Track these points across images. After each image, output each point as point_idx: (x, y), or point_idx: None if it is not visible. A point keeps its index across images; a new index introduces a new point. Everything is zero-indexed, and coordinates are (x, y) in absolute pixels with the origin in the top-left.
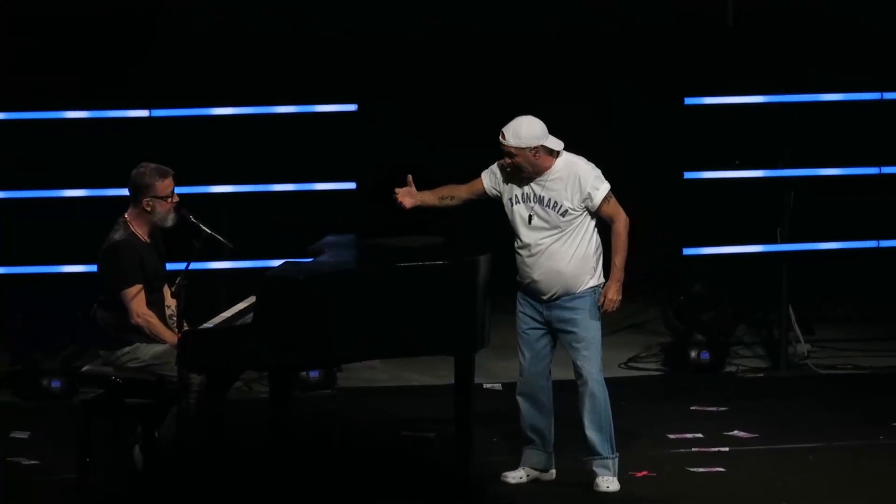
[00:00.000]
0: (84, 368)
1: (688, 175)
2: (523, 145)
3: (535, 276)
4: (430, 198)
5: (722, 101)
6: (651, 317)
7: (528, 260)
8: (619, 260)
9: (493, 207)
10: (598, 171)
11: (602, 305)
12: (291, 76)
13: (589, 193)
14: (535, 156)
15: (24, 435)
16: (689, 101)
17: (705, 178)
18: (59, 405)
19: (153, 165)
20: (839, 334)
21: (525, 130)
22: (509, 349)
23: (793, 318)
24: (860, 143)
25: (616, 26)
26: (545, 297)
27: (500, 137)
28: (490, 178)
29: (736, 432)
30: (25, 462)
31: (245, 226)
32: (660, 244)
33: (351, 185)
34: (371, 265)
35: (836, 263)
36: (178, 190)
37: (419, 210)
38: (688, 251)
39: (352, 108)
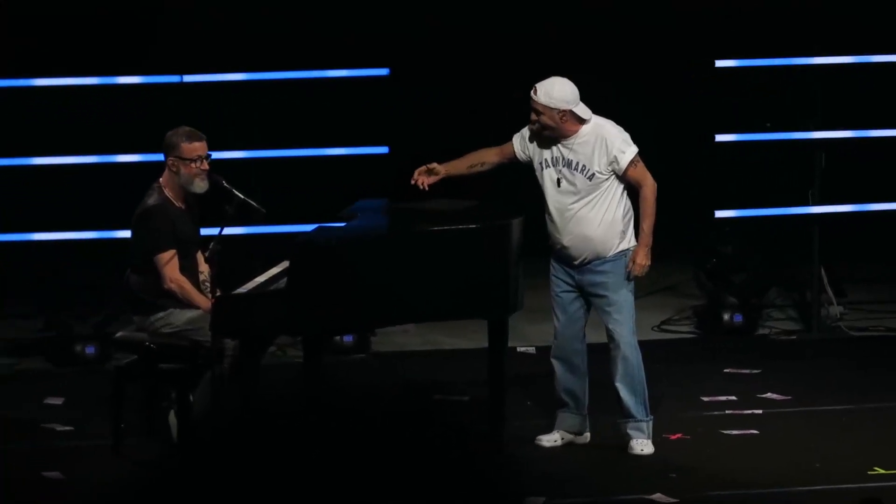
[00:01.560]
0: (118, 334)
1: (719, 138)
2: (552, 105)
3: (565, 241)
4: (457, 167)
5: (753, 63)
6: (683, 279)
7: (557, 226)
8: (647, 225)
9: (525, 170)
10: (626, 135)
11: (630, 270)
12: (323, 41)
13: (615, 157)
14: (561, 118)
15: (58, 401)
16: (720, 63)
17: (737, 141)
18: (92, 371)
19: (187, 128)
20: (871, 296)
21: (557, 91)
22: (543, 312)
23: (825, 280)
24: (891, 104)
25: None
26: (576, 263)
27: (532, 92)
28: (520, 142)
29: (769, 394)
30: (59, 428)
31: (277, 191)
32: (692, 207)
33: (383, 150)
34: (403, 230)
35: (867, 225)
36: (211, 155)
37: (449, 180)
38: (720, 214)
39: (384, 72)
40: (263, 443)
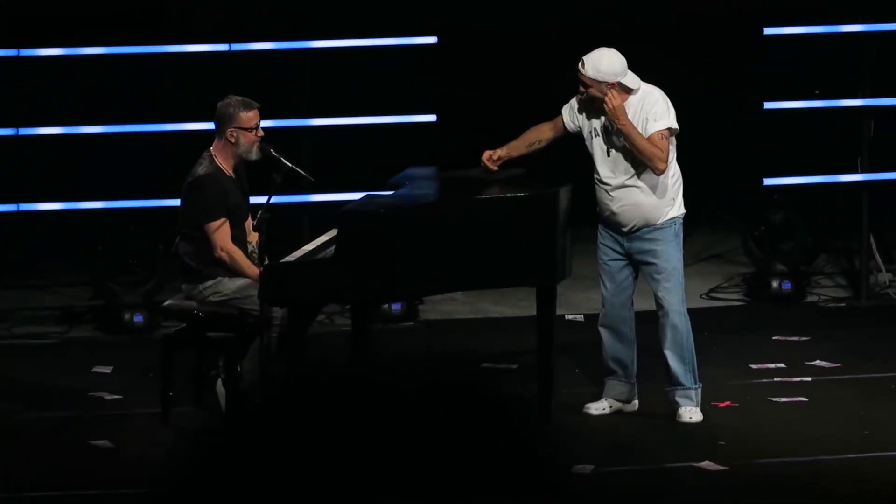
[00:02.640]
0: (166, 302)
1: (768, 105)
2: (600, 79)
3: (615, 208)
4: (517, 148)
5: (801, 30)
6: (732, 247)
7: (607, 193)
8: (631, 129)
9: (574, 137)
10: (671, 109)
11: (610, 99)
12: (371, 9)
13: (646, 118)
14: (611, 90)
15: (106, 369)
16: (768, 30)
17: (785, 109)
18: (141, 339)
19: (239, 98)
20: None
21: (605, 65)
22: (591, 280)
23: (874, 247)
24: None
25: None
26: (625, 230)
27: (580, 66)
28: (570, 113)
29: (818, 362)
30: (108, 397)
31: (325, 159)
32: (741, 175)
33: (431, 118)
34: (451, 198)
35: None
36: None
37: (501, 144)
38: (768, 181)
39: (431, 40)
40: (310, 410)
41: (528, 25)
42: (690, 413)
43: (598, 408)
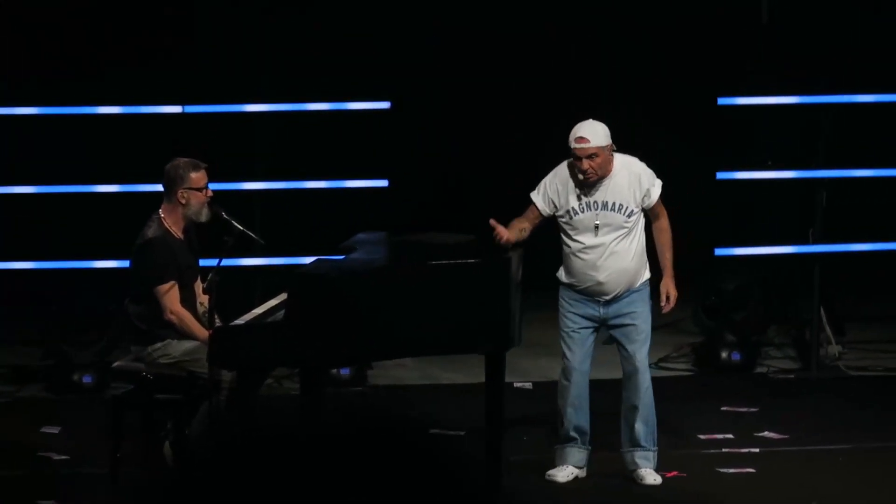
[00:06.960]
0: (115, 364)
1: (720, 175)
2: (604, 143)
3: (602, 277)
4: (513, 234)
5: (755, 101)
6: (682, 316)
7: (593, 264)
8: (671, 255)
9: (523, 204)
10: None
11: (664, 304)
12: (324, 73)
13: (648, 190)
14: (610, 154)
15: (55, 430)
16: (721, 101)
17: (738, 179)
18: (90, 400)
19: (186, 159)
20: (871, 335)
21: (601, 129)
22: (540, 347)
23: (824, 318)
24: (893, 144)
25: (649, 25)
26: (609, 297)
27: (578, 143)
28: (543, 199)
29: (766, 433)
30: (56, 457)
31: (277, 222)
32: (692, 244)
33: (383, 183)
34: (402, 263)
35: (868, 264)
36: (211, 186)
37: (453, 210)
38: (720, 251)
39: (384, 105)
40: (259, 474)
41: (480, 93)
42: (654, 476)
43: (564, 474)
